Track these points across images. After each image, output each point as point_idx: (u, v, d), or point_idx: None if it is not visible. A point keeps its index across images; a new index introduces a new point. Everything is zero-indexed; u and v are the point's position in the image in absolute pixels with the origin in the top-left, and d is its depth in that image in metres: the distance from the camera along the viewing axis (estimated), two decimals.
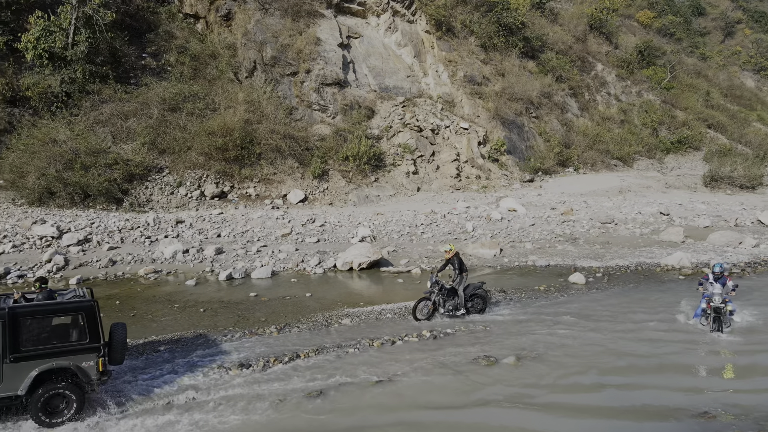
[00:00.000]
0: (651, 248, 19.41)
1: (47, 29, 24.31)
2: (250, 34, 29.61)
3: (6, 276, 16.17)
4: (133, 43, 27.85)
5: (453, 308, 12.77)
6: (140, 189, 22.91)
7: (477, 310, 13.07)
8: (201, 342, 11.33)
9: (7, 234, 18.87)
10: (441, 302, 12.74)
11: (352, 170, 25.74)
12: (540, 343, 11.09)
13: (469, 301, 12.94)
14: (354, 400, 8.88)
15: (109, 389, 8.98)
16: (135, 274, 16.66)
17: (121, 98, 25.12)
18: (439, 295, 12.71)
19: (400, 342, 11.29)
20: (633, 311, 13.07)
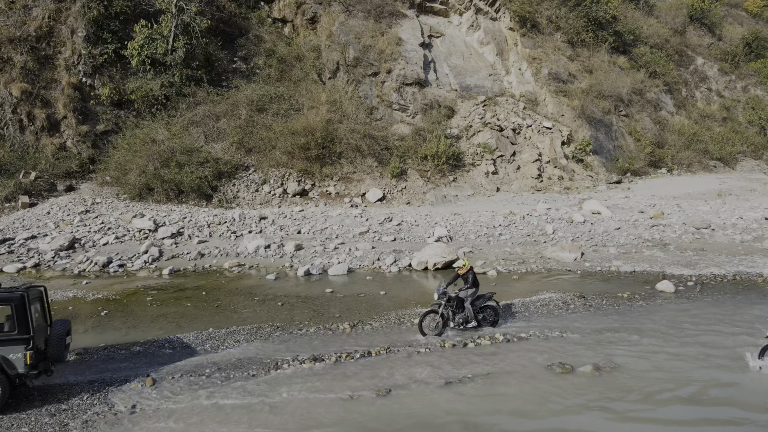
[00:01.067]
0: (753, 257, 17.83)
1: (150, 37, 26.25)
2: (333, 36, 30.31)
3: (108, 265, 17.65)
4: (225, 47, 29.40)
5: (463, 321, 11.94)
6: (228, 186, 24.16)
7: (489, 322, 12.25)
8: (277, 335, 11.77)
9: (110, 226, 20.61)
10: (450, 315, 11.95)
11: (431, 170, 25.69)
12: (619, 353, 10.52)
13: (480, 312, 12.18)
14: (421, 401, 8.87)
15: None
16: (221, 267, 17.60)
17: (213, 100, 26.63)
18: (448, 308, 11.88)
19: (472, 344, 11.14)
20: (723, 325, 12.02)
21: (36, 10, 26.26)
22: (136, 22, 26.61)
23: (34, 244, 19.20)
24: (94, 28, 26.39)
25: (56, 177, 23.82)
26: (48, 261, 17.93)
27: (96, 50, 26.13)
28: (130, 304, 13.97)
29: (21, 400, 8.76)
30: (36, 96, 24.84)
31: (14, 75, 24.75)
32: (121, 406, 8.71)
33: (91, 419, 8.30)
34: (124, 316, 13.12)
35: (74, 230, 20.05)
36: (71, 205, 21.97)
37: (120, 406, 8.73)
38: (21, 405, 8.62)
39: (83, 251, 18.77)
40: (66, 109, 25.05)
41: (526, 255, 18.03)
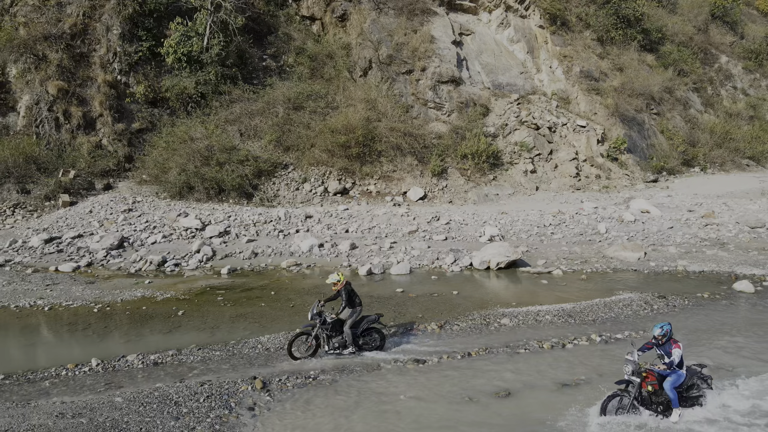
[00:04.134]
0: None
1: (186, 34, 25.96)
2: (365, 34, 30.05)
3: (164, 264, 17.39)
4: (255, 45, 29.13)
5: (339, 346, 10.65)
6: (268, 184, 23.90)
7: (373, 347, 10.87)
8: None
9: (156, 225, 20.33)
10: (325, 338, 10.62)
11: (471, 168, 25.49)
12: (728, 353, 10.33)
13: (361, 337, 10.83)
14: (546, 404, 8.65)
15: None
16: (278, 266, 17.34)
17: (249, 98, 26.36)
18: (322, 329, 10.56)
19: (570, 345, 10.93)
20: None
21: (70, 7, 25.96)
22: (171, 20, 26.33)
23: (82, 242, 18.92)
24: (129, 25, 26.10)
25: (93, 175, 23.54)
26: (100, 260, 17.66)
27: (131, 48, 25.85)
28: (202, 304, 13.70)
29: (141, 404, 8.52)
30: (72, 94, 24.53)
31: (50, 73, 24.44)
32: (240, 409, 8.48)
33: (215, 422, 8.06)
34: (202, 316, 12.86)
35: (120, 229, 19.77)
36: (113, 204, 21.68)
37: (238, 408, 8.50)
38: (142, 410, 8.38)
39: (133, 250, 18.49)
40: (102, 107, 24.76)
41: (586, 254, 17.84)
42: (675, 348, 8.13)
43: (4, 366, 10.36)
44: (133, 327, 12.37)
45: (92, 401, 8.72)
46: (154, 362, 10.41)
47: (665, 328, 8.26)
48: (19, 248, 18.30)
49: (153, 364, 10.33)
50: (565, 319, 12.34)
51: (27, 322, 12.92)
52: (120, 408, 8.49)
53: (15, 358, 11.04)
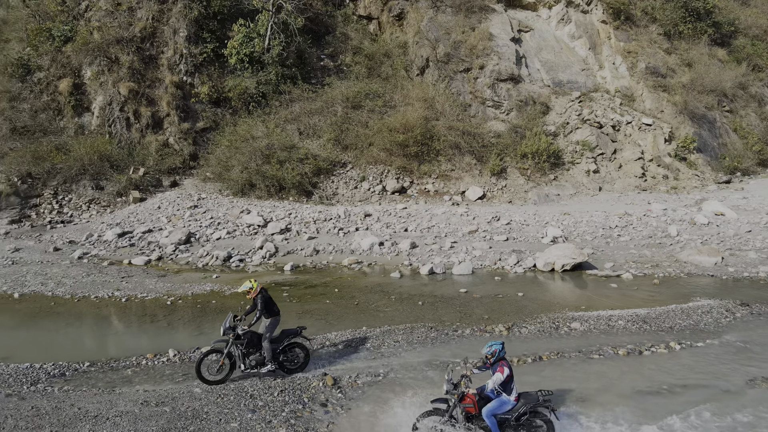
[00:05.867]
0: None
1: (248, 36, 26.56)
2: (422, 32, 29.91)
3: (229, 260, 17.84)
4: (313, 45, 29.48)
5: (257, 363, 9.49)
6: (327, 183, 24.15)
7: (296, 364, 9.76)
8: (433, 335, 11.44)
9: (220, 221, 20.89)
10: (239, 356, 9.44)
11: (531, 168, 24.94)
12: None
13: (282, 353, 9.68)
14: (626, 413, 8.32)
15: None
16: (339, 264, 17.48)
17: (308, 97, 26.72)
18: (236, 346, 9.42)
19: (648, 352, 10.48)
20: None
21: (140, 11, 27.02)
22: (234, 22, 27.01)
23: (152, 237, 19.68)
24: (194, 28, 26.94)
25: (161, 173, 24.43)
26: (170, 254, 18.31)
27: (196, 50, 26.67)
28: None
29: (218, 395, 8.74)
30: (141, 95, 25.55)
31: (122, 74, 25.53)
32: (314, 405, 8.56)
33: (290, 417, 8.17)
34: None
35: (186, 225, 20.42)
36: (179, 201, 22.42)
37: (311, 404, 8.59)
38: (221, 401, 8.59)
39: (199, 245, 19.07)
40: (169, 107, 25.66)
41: (656, 258, 17.11)
42: (497, 372, 7.40)
43: (89, 354, 10.88)
44: (204, 320, 12.74)
45: (173, 390, 9.01)
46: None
47: (494, 348, 7.54)
48: (95, 242, 19.22)
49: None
50: (640, 325, 11.85)
51: (106, 312, 13.53)
52: (199, 398, 8.74)
53: (97, 347, 11.58)
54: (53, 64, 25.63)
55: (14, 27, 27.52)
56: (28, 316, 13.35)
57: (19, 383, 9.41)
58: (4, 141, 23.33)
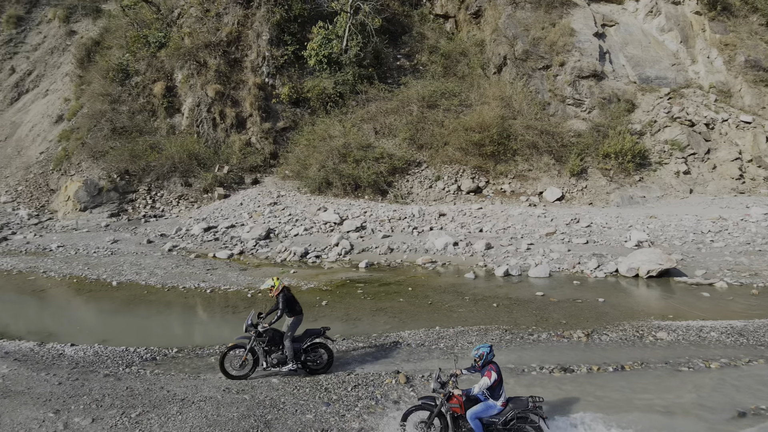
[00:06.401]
0: None
1: (326, 37, 27.20)
2: (500, 30, 29.35)
3: (305, 255, 18.35)
4: (390, 45, 29.69)
5: (279, 362, 9.51)
6: (402, 182, 24.26)
7: (319, 365, 9.72)
8: (508, 338, 11.23)
9: (298, 218, 21.52)
10: (262, 353, 9.51)
11: (614, 168, 23.84)
12: None
13: (305, 352, 9.63)
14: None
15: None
16: (413, 263, 17.52)
17: (384, 97, 26.97)
18: (258, 343, 9.49)
19: (744, 366, 9.74)
20: None
21: (227, 17, 28.37)
22: (314, 24, 27.74)
23: (234, 232, 20.61)
24: (276, 31, 27.93)
25: (243, 170, 25.56)
26: (251, 249, 19.09)
27: (278, 52, 27.64)
28: (344, 296, 14.25)
29: (295, 387, 9.04)
30: (227, 96, 26.83)
31: (209, 77, 26.93)
32: (386, 402, 8.65)
33: (362, 412, 8.30)
34: (345, 308, 13.37)
35: (266, 221, 21.21)
36: (260, 197, 23.32)
37: (384, 401, 8.68)
38: (297, 392, 8.88)
39: (278, 241, 19.76)
40: (251, 108, 26.77)
41: (756, 266, 15.83)
42: (485, 376, 7.22)
43: (177, 340, 11.58)
44: None
45: (252, 379, 9.40)
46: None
47: (481, 351, 7.43)
48: (183, 235, 20.40)
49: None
50: (736, 338, 11.02)
51: (192, 302, 14.35)
52: (277, 389, 9.07)
53: (184, 334, 12.30)
54: (149, 68, 27.47)
55: (115, 35, 29.76)
56: (124, 302, 14.40)
57: (116, 365, 10.17)
58: (106, 140, 25.29)
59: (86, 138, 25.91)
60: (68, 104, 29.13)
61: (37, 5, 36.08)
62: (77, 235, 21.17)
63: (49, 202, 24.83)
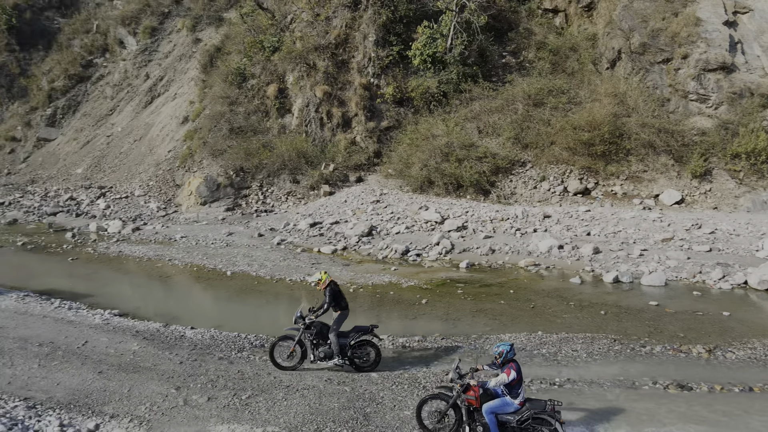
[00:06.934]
0: None
1: (431, 37, 27.23)
2: (614, 22, 27.70)
3: (407, 253, 18.56)
4: (495, 42, 29.11)
5: (325, 356, 9.68)
6: (505, 182, 23.75)
7: (366, 362, 9.73)
8: (617, 349, 10.62)
9: (399, 216, 21.79)
10: (309, 346, 9.72)
11: (744, 170, 21.64)
12: None
13: (351, 348, 9.66)
14: None
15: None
16: (515, 265, 17.11)
17: (488, 95, 26.52)
18: (306, 336, 9.71)
19: None
20: None
21: (335, 20, 29.33)
22: (419, 24, 27.88)
23: (338, 228, 21.31)
24: (382, 32, 28.43)
25: (348, 169, 26.34)
26: (353, 245, 19.66)
27: (383, 53, 28.13)
28: (443, 296, 14.26)
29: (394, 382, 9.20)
30: (334, 97, 27.78)
31: (318, 79, 28.04)
32: None
33: None
34: (445, 307, 13.38)
35: (369, 218, 21.70)
36: (363, 195, 23.91)
37: None
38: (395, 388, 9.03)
39: (380, 238, 20.15)
40: (357, 108, 27.50)
41: None
42: (504, 372, 7.18)
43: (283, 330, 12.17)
44: (382, 309, 13.47)
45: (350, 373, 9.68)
46: (402, 345, 11.14)
47: (501, 349, 7.38)
48: (291, 230, 21.46)
49: (402, 347, 11.06)
50: None
51: (298, 293, 15.09)
52: (376, 383, 9.27)
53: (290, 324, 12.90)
54: (263, 71, 29.18)
55: (234, 41, 31.93)
56: (237, 291, 15.43)
57: (229, 349, 10.92)
58: (224, 140, 27.24)
59: (207, 137, 28.08)
60: (193, 106, 31.73)
61: (169, 17, 39.60)
62: (197, 227, 23.01)
63: (174, 196, 27.23)
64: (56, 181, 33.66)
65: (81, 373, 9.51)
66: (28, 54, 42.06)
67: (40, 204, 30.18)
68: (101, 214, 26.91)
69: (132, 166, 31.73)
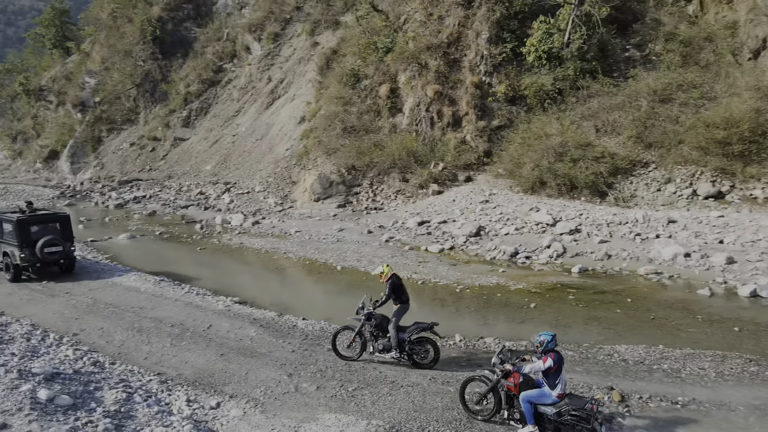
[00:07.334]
0: None
1: (547, 32, 26.25)
2: (758, 8, 24.91)
3: (515, 255, 18.10)
4: (617, 35, 27.36)
5: (384, 348, 9.79)
6: (624, 183, 22.30)
7: (424, 360, 9.76)
8: (753, 370, 9.58)
9: (509, 217, 21.30)
10: (369, 337, 9.88)
11: None
12: None
13: (409, 343, 9.67)
14: None
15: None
16: (633, 272, 16.04)
17: (608, 92, 25.04)
18: (366, 326, 9.86)
19: None
20: None
21: (448, 19, 29.27)
22: (534, 19, 26.99)
23: (446, 228, 21.30)
24: (495, 29, 27.90)
25: (457, 168, 26.21)
26: (461, 245, 19.54)
27: (496, 50, 27.60)
28: (553, 301, 13.74)
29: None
30: (444, 96, 27.76)
31: (429, 78, 28.17)
32: None
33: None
34: (554, 312, 12.89)
35: (477, 218, 21.44)
36: (472, 195, 23.67)
37: None
38: None
39: (488, 239, 19.84)
40: (468, 107, 27.26)
41: None
42: (540, 360, 7.23)
43: None
44: (489, 311, 13.26)
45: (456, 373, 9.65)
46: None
47: (542, 338, 7.34)
48: (399, 228, 21.81)
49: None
50: None
51: None
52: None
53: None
54: (376, 72, 29.91)
55: (349, 43, 33.05)
56: (346, 286, 15.99)
57: None
58: (337, 139, 28.31)
59: (322, 136, 29.34)
60: (309, 107, 33.32)
61: (290, 22, 41.88)
62: (311, 222, 24.14)
63: (290, 193, 28.79)
64: (188, 176, 37.00)
65: (206, 354, 10.40)
66: (168, 62, 46.69)
67: (175, 198, 33.38)
68: (226, 208, 29.18)
69: (253, 163, 34.00)
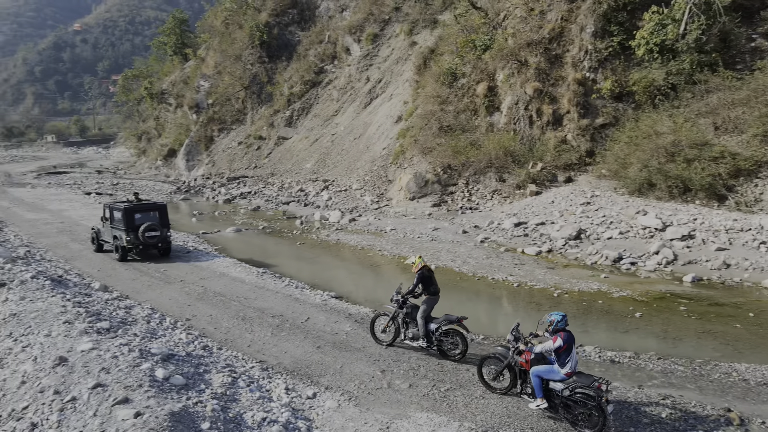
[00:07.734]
0: None
1: (660, 23, 24.52)
2: None
3: (619, 261, 17.15)
4: (743, 24, 24.93)
5: (413, 337, 10.23)
6: (748, 186, 20.33)
7: (453, 352, 9.93)
8: None
9: (612, 220, 20.19)
10: (401, 324, 10.33)
11: None
12: None
13: (437, 333, 9.90)
14: None
15: None
16: (757, 284, 14.61)
17: (730, 86, 22.93)
18: (400, 314, 10.32)
19: None
20: None
21: (550, 13, 28.23)
22: (645, 10, 25.31)
23: (544, 230, 20.61)
24: (601, 22, 26.48)
25: (557, 168, 25.24)
26: (559, 248, 18.83)
27: (601, 44, 26.18)
28: (662, 311, 12.86)
29: None
30: (545, 93, 26.81)
31: (529, 75, 27.35)
32: None
33: None
34: (662, 324, 12.07)
35: (578, 221, 20.53)
36: (572, 196, 22.70)
37: None
38: None
39: (589, 243, 18.95)
40: (569, 104, 26.13)
41: None
42: (549, 340, 7.56)
43: (483, 328, 12.30)
44: (589, 318, 12.67)
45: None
46: (610, 359, 10.36)
47: (553, 317, 7.60)
48: (495, 228, 21.42)
49: (610, 362, 10.29)
50: None
51: (498, 293, 15.01)
52: None
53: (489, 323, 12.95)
54: (474, 70, 29.53)
55: (447, 42, 32.90)
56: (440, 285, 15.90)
57: None
58: (434, 138, 28.31)
59: (418, 135, 29.46)
60: (406, 106, 33.58)
61: (389, 23, 42.47)
62: (406, 221, 24.35)
63: (386, 191, 29.21)
64: (290, 174, 38.71)
65: (303, 345, 10.85)
66: (274, 65, 49.14)
67: (277, 194, 35.09)
68: (324, 205, 30.22)
69: (351, 162, 34.88)
